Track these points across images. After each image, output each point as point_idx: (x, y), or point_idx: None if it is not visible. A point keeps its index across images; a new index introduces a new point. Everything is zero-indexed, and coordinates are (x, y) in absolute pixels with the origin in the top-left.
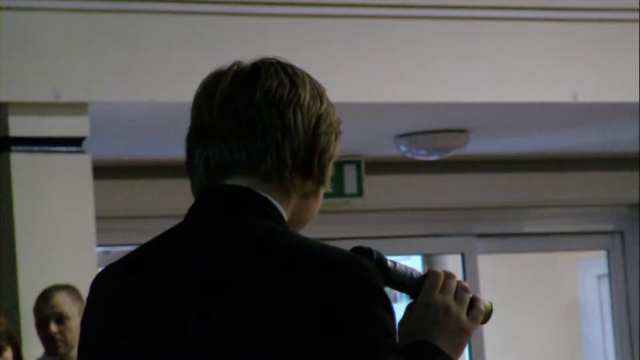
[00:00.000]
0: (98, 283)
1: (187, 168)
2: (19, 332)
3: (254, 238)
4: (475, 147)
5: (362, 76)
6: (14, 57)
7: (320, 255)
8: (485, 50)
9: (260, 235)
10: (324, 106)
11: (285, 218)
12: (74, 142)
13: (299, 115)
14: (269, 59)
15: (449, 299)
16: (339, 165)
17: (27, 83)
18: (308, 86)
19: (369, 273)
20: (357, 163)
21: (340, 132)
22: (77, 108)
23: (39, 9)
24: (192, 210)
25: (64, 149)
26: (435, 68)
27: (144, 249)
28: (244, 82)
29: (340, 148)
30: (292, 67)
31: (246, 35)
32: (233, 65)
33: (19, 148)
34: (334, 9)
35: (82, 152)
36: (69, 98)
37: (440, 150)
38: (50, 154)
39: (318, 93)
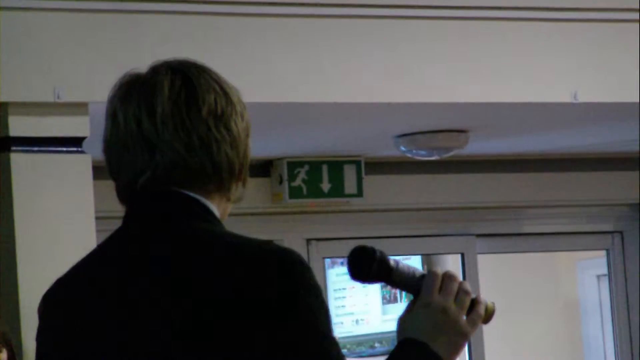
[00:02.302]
0: (49, 299)
1: (111, 171)
2: (19, 332)
3: (200, 244)
4: (475, 147)
5: (362, 76)
6: (14, 57)
7: (251, 253)
8: (485, 50)
9: (202, 240)
10: (247, 112)
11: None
12: (74, 142)
13: (239, 125)
14: (183, 64)
15: (449, 301)
16: (339, 165)
17: (27, 83)
18: (234, 91)
19: (298, 266)
20: (357, 163)
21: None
22: (77, 108)
23: (39, 9)
24: (139, 214)
25: (64, 149)
26: (435, 68)
27: (88, 261)
28: (181, 95)
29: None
30: (214, 72)
31: (246, 35)
32: (157, 73)
33: (19, 148)
34: (333, 9)
35: (82, 152)
36: (69, 98)
37: (440, 150)
38: (50, 154)
39: (239, 97)
